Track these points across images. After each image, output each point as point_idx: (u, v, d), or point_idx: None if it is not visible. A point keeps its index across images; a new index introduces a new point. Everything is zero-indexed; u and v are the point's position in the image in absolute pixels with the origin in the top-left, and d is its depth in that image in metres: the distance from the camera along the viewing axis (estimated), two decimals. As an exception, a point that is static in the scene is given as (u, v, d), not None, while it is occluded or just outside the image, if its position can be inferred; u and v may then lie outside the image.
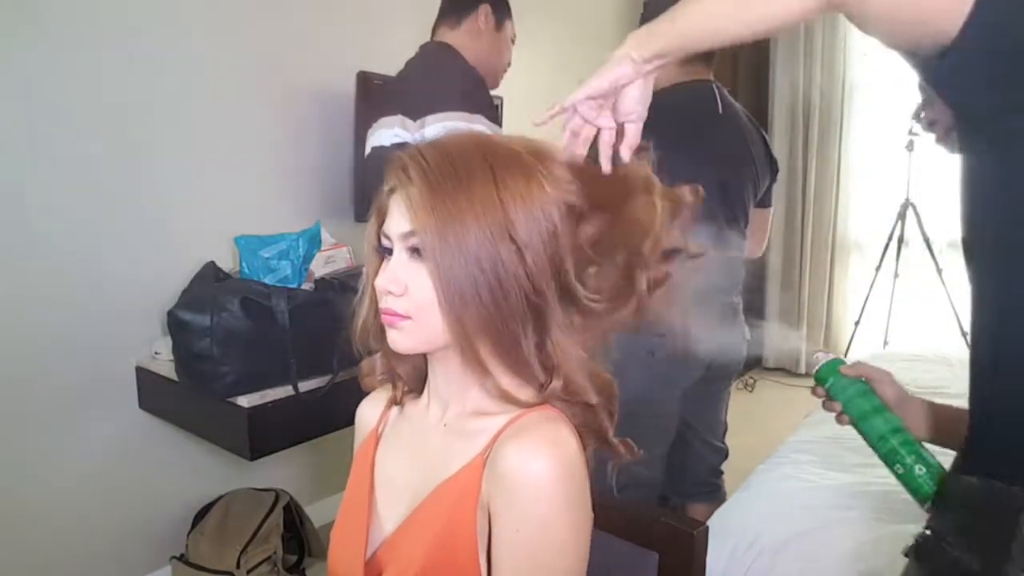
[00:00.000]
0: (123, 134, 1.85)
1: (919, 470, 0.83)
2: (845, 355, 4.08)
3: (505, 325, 0.65)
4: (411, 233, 0.65)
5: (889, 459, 0.85)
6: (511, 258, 0.64)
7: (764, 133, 1.77)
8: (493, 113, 1.61)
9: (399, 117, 1.60)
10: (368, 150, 1.71)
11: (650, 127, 1.64)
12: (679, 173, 1.66)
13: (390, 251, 0.68)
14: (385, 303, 0.67)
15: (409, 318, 0.66)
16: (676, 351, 1.61)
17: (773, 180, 1.80)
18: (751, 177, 1.70)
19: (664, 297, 0.74)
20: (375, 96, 2.31)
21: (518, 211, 0.64)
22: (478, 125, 1.52)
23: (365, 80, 2.30)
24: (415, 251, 0.65)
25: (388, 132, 1.62)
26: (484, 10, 1.72)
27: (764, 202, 1.81)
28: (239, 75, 2.10)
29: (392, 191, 0.68)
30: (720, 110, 1.66)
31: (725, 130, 1.66)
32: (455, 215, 0.63)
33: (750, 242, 1.79)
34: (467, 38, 1.71)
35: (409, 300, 0.66)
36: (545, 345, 0.67)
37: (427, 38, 1.78)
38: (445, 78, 1.62)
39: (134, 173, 1.87)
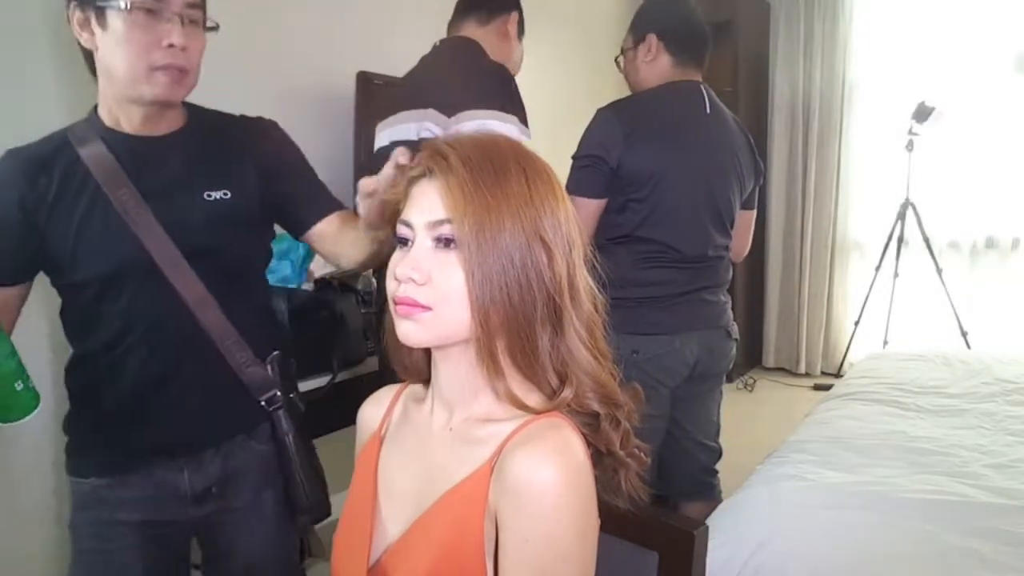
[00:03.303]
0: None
1: (31, 384, 0.96)
2: (845, 355, 4.10)
3: (528, 324, 0.65)
4: (444, 221, 0.64)
5: (13, 375, 0.95)
6: (540, 258, 0.64)
7: (750, 138, 1.77)
8: (525, 118, 1.57)
9: (429, 111, 1.52)
10: (385, 143, 1.62)
11: (639, 120, 1.65)
12: (666, 166, 1.66)
13: (405, 241, 0.67)
14: (404, 292, 0.65)
15: (429, 309, 0.64)
16: (660, 350, 1.61)
17: (757, 183, 1.81)
18: (736, 177, 1.70)
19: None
20: (376, 96, 2.31)
21: (547, 213, 0.65)
22: (511, 126, 1.49)
23: (365, 80, 2.30)
24: (443, 240, 0.64)
25: (414, 126, 1.55)
26: (515, 16, 1.71)
27: (748, 204, 1.81)
28: (239, 75, 2.09)
29: (419, 178, 0.67)
30: (707, 110, 1.67)
31: (712, 129, 1.67)
32: (492, 207, 0.63)
33: (734, 243, 1.79)
34: (494, 37, 1.67)
35: (432, 290, 0.64)
36: (560, 349, 0.67)
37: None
38: (483, 75, 1.57)
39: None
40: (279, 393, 1.11)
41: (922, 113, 3.48)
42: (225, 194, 1.06)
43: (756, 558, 1.29)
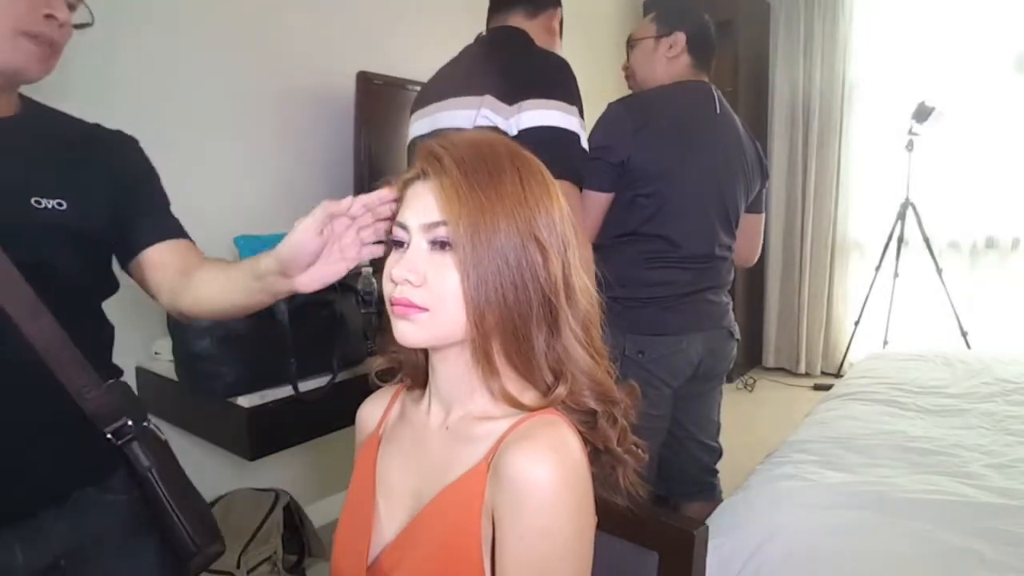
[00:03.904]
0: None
1: None
2: (845, 355, 4.10)
3: (524, 324, 0.65)
4: (440, 223, 0.64)
5: None
6: (535, 258, 0.65)
7: (756, 143, 1.78)
8: (583, 111, 1.51)
9: (487, 98, 1.45)
10: (426, 131, 1.57)
11: (649, 116, 1.64)
12: (675, 163, 1.66)
13: (401, 243, 0.67)
14: (400, 293, 0.65)
15: (426, 310, 0.65)
16: (666, 350, 1.61)
17: (763, 186, 1.81)
18: (744, 177, 1.70)
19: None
20: (376, 96, 2.31)
21: (541, 214, 0.66)
22: (572, 118, 1.44)
23: (365, 80, 2.30)
24: (438, 243, 0.65)
25: (467, 113, 1.48)
26: (560, 12, 1.68)
27: (755, 207, 1.81)
28: (239, 75, 2.10)
29: (413, 180, 0.68)
30: (717, 110, 1.67)
31: (721, 129, 1.67)
32: (487, 208, 0.63)
33: (743, 247, 1.79)
34: (541, 31, 1.63)
35: (428, 291, 0.65)
36: (556, 349, 0.68)
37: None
38: (547, 66, 1.52)
39: (134, 173, 1.87)
40: (130, 422, 0.90)
41: (922, 113, 3.48)
42: (60, 203, 0.88)
43: (756, 558, 1.29)
